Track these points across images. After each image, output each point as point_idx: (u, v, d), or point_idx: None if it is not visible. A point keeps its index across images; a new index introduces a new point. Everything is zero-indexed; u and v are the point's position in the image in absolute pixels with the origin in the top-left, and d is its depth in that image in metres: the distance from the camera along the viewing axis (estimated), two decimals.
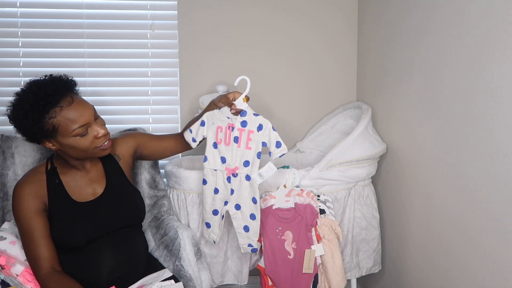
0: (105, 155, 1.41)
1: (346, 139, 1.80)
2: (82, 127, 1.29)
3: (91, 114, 1.32)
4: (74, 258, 1.37)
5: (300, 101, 2.28)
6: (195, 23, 2.16)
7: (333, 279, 1.74)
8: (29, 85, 1.32)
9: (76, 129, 1.28)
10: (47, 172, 1.41)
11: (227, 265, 1.79)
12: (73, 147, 1.32)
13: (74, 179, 1.43)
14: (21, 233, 1.35)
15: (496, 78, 1.27)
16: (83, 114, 1.29)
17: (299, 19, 2.23)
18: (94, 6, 2.09)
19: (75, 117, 1.28)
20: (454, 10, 1.46)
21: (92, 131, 1.33)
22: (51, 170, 1.42)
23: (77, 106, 1.29)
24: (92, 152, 1.36)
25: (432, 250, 1.64)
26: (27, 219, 1.33)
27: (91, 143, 1.34)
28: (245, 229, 1.61)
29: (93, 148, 1.35)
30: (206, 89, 2.18)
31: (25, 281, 1.36)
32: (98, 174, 1.47)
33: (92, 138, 1.33)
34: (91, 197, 1.43)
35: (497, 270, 1.30)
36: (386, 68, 1.97)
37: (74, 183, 1.42)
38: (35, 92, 1.27)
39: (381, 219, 1.98)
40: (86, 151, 1.35)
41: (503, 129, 1.25)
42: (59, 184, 1.40)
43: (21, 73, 2.07)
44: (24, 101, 1.28)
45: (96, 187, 1.45)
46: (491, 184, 1.31)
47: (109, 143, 1.39)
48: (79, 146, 1.32)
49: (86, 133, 1.31)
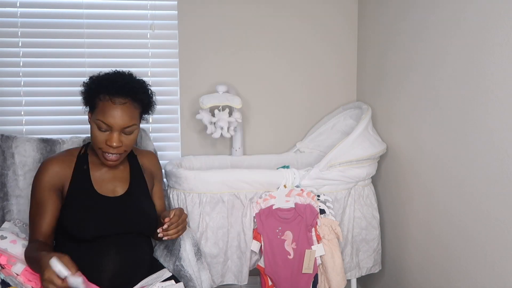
0: (109, 166, 1.45)
1: (346, 139, 1.80)
2: (103, 123, 1.36)
3: (119, 124, 1.36)
4: (79, 256, 1.36)
5: (300, 101, 2.28)
6: (195, 23, 2.16)
7: (333, 279, 1.74)
8: (117, 71, 1.45)
9: (99, 120, 1.36)
10: (79, 156, 1.48)
11: (227, 265, 1.79)
12: (92, 133, 1.40)
13: (100, 170, 1.48)
14: (31, 203, 1.42)
15: (496, 77, 1.27)
16: (113, 117, 1.35)
17: (299, 19, 2.23)
18: (94, 6, 2.09)
19: (108, 114, 1.35)
20: (453, 10, 1.46)
21: (109, 135, 1.37)
22: (83, 155, 1.48)
23: (116, 110, 1.35)
24: (99, 153, 1.42)
25: (432, 250, 1.64)
26: (41, 192, 1.39)
27: (101, 144, 1.38)
28: None
29: (101, 150, 1.40)
30: (206, 89, 2.18)
31: (26, 280, 1.35)
32: (123, 175, 1.51)
33: (105, 140, 1.38)
34: (111, 193, 1.46)
35: (496, 270, 1.30)
36: (386, 68, 1.97)
37: (99, 174, 1.47)
38: (109, 77, 1.41)
39: (381, 219, 1.98)
40: (96, 148, 1.41)
41: (503, 128, 1.25)
42: (86, 170, 1.46)
43: (21, 73, 2.07)
44: (99, 78, 1.42)
45: (117, 186, 1.48)
46: (491, 184, 1.31)
47: (115, 158, 1.41)
48: (94, 137, 1.39)
49: (103, 131, 1.37)
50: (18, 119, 2.10)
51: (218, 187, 1.74)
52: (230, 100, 2.01)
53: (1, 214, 1.62)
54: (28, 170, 1.65)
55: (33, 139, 1.69)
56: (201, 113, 2.04)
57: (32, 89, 2.09)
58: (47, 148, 1.70)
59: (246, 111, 2.24)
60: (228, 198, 1.75)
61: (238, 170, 1.80)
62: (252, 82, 2.25)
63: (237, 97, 2.03)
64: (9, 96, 2.08)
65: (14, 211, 1.64)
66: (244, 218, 1.75)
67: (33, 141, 1.69)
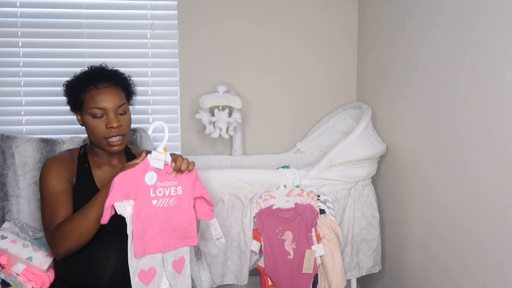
0: (114, 152, 1.44)
1: (346, 139, 1.80)
2: (98, 109, 1.38)
3: (111, 104, 1.40)
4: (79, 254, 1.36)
5: (300, 101, 2.29)
6: (195, 23, 2.16)
7: (333, 279, 1.74)
8: (87, 68, 1.50)
9: (92, 108, 1.38)
10: (79, 156, 1.49)
11: (227, 265, 1.79)
12: (89, 128, 1.41)
13: (100, 170, 1.49)
14: (46, 199, 1.38)
15: (497, 78, 1.27)
16: (105, 100, 1.39)
17: (299, 18, 2.23)
18: (94, 6, 2.09)
19: (98, 99, 1.39)
20: (456, 11, 1.46)
21: (107, 119, 1.40)
22: (83, 155, 1.49)
23: (106, 92, 1.40)
24: (103, 143, 1.42)
25: (432, 250, 1.64)
26: (56, 182, 1.39)
27: (102, 131, 1.39)
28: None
29: (104, 139, 1.40)
30: (206, 89, 2.18)
31: (26, 280, 1.36)
32: None
33: (104, 125, 1.39)
34: None
35: (498, 270, 1.30)
36: (386, 68, 1.97)
37: (101, 173, 1.48)
38: (86, 72, 1.47)
39: (381, 219, 1.98)
40: (98, 139, 1.41)
41: (503, 128, 1.25)
42: (88, 168, 1.47)
43: (21, 73, 2.07)
44: (77, 77, 1.47)
45: None
46: (491, 184, 1.31)
47: (119, 141, 1.42)
48: (93, 129, 1.40)
49: (100, 117, 1.39)
50: (18, 119, 2.10)
51: (218, 187, 1.74)
52: (230, 100, 2.02)
53: (1, 214, 1.62)
54: (28, 170, 1.65)
55: (33, 139, 1.69)
56: (200, 112, 2.04)
57: (32, 89, 2.09)
58: (47, 148, 1.70)
59: (246, 111, 2.24)
60: (228, 198, 1.75)
61: (238, 170, 1.80)
62: (252, 82, 2.25)
63: (237, 97, 2.03)
64: (9, 96, 2.08)
65: (14, 211, 1.64)
66: (244, 218, 1.75)
67: (33, 141, 1.69)
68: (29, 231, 1.55)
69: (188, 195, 1.30)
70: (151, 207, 1.24)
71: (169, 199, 1.28)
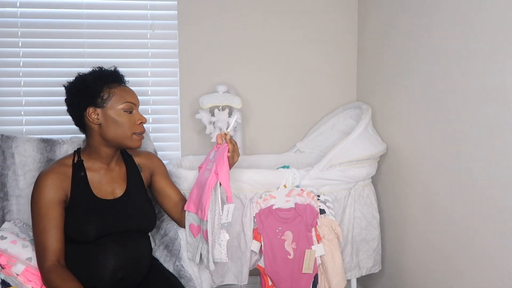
0: (138, 147, 1.48)
1: (346, 139, 1.80)
2: (130, 104, 1.45)
3: (138, 101, 1.50)
4: (80, 253, 1.37)
5: (300, 101, 2.29)
6: (195, 23, 2.17)
7: (333, 279, 1.74)
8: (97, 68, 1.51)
9: (127, 102, 1.44)
10: (74, 164, 1.46)
11: (227, 265, 1.79)
12: (116, 122, 1.42)
13: (98, 174, 1.48)
14: (35, 221, 1.37)
15: (496, 77, 1.27)
16: (133, 96, 1.48)
17: (299, 18, 2.23)
18: (94, 6, 2.09)
19: (127, 94, 1.46)
20: (454, 10, 1.46)
21: (135, 114, 1.47)
22: (78, 163, 1.47)
23: (129, 90, 1.49)
24: (129, 138, 1.44)
25: (432, 250, 1.64)
26: (45, 208, 1.36)
27: (131, 126, 1.44)
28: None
29: (131, 133, 1.44)
30: (206, 89, 2.18)
31: (26, 280, 1.35)
32: (120, 176, 1.52)
33: (134, 121, 1.45)
34: (110, 196, 1.47)
35: (497, 270, 1.30)
36: (386, 68, 1.97)
37: (97, 178, 1.47)
38: (103, 70, 1.50)
39: (381, 219, 1.98)
40: (127, 133, 1.44)
41: (503, 128, 1.25)
42: (83, 177, 1.45)
43: (21, 73, 2.07)
44: (92, 72, 1.49)
45: (116, 188, 1.49)
46: (491, 184, 1.31)
47: (143, 137, 1.49)
48: (121, 123, 1.43)
49: (131, 113, 1.45)
50: (18, 119, 2.10)
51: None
52: (230, 100, 2.02)
53: (1, 214, 1.62)
54: (28, 170, 1.65)
55: (33, 139, 1.69)
56: (200, 112, 2.04)
57: (32, 89, 2.09)
58: (47, 148, 1.70)
59: (246, 111, 2.24)
60: None
61: (238, 170, 1.80)
62: (252, 82, 2.25)
63: (237, 97, 2.03)
64: (9, 96, 2.08)
65: (14, 211, 1.64)
66: (244, 218, 1.75)
67: (33, 141, 1.69)
68: (29, 231, 1.55)
69: (213, 175, 1.44)
70: (201, 175, 1.50)
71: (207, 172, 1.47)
